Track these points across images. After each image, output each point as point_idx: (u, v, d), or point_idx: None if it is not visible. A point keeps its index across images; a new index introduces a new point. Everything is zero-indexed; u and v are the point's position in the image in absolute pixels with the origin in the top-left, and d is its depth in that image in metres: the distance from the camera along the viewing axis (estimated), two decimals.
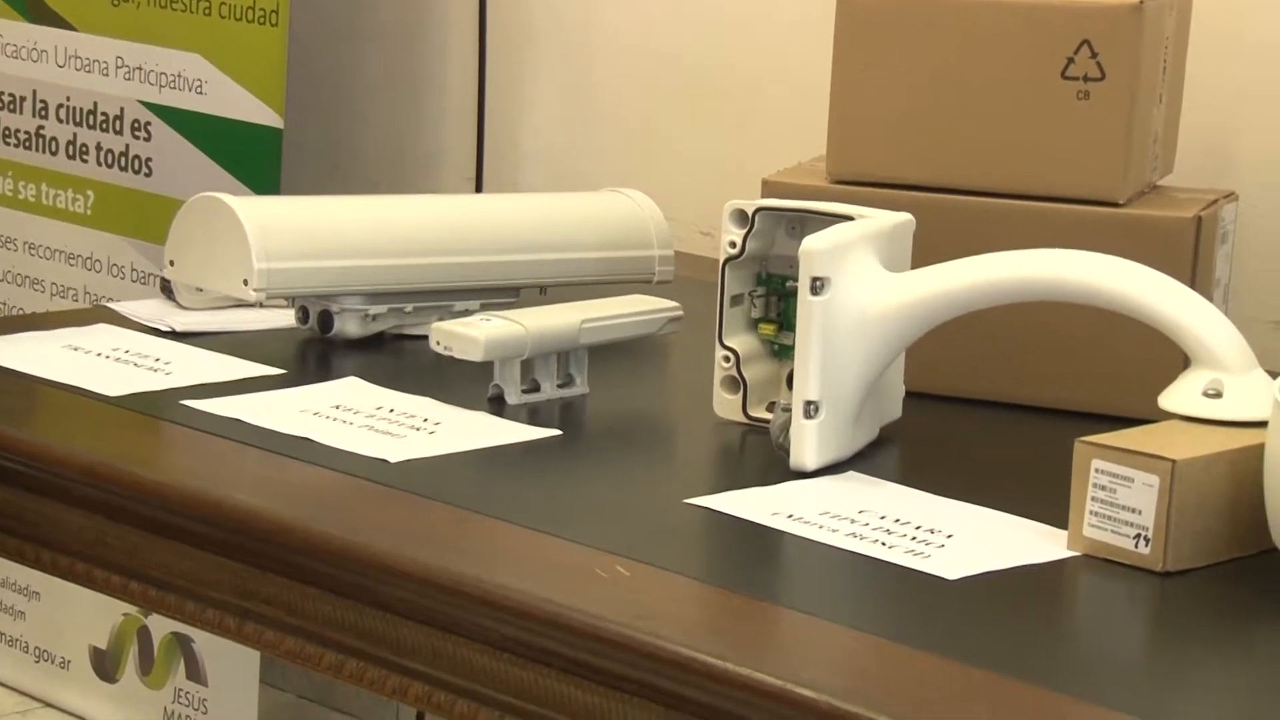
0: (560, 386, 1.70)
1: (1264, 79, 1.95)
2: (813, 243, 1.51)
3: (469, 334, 1.65)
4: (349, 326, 1.84)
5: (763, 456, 1.56)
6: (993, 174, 1.73)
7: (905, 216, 1.62)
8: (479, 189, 2.56)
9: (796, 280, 1.52)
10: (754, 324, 1.64)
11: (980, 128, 1.73)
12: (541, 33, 2.52)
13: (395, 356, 1.83)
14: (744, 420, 1.62)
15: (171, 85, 2.64)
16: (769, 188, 1.76)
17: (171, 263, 1.88)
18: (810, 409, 1.51)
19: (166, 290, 1.93)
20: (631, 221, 1.98)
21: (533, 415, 1.66)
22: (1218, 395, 1.45)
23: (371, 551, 1.37)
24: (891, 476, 1.54)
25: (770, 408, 1.59)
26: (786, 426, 1.53)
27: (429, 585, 1.34)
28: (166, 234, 1.88)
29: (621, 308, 1.76)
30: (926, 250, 1.60)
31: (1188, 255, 1.67)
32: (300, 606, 1.42)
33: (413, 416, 1.63)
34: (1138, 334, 1.53)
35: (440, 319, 1.74)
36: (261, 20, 2.51)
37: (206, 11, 2.58)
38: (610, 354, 1.75)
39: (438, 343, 1.67)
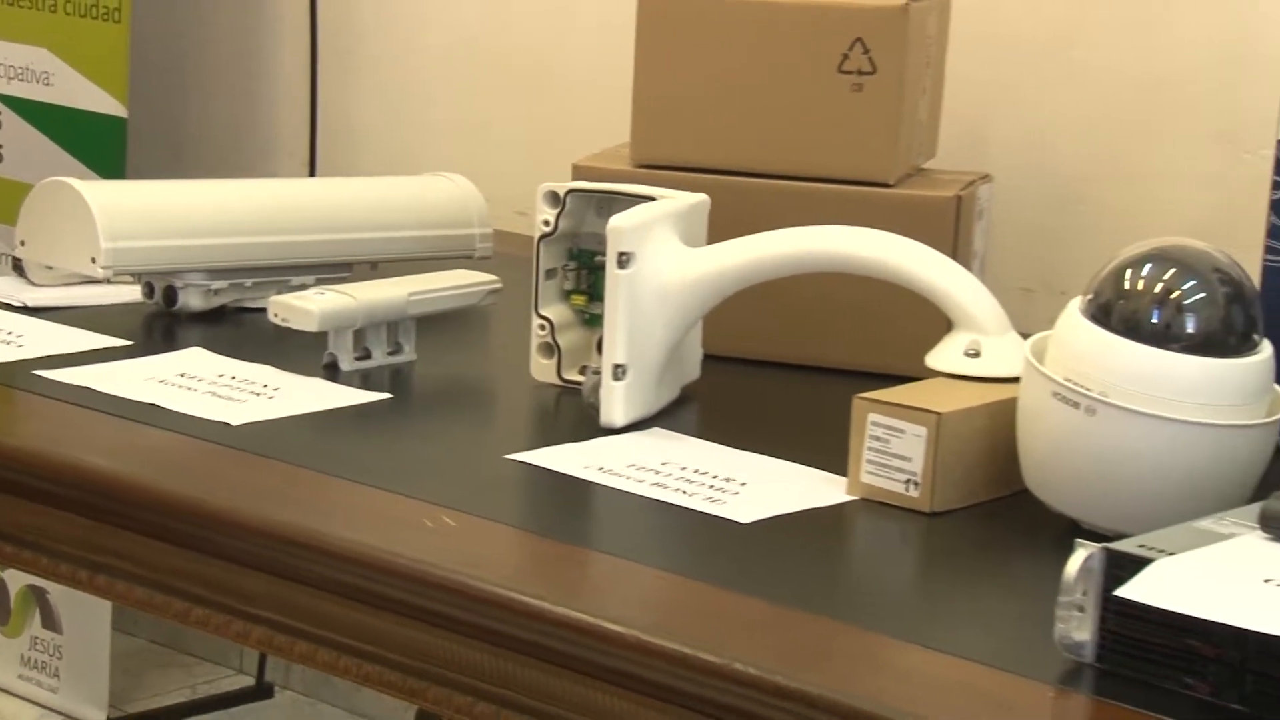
0: (390, 354, 1.70)
1: (1014, 73, 1.99)
2: (619, 221, 1.53)
3: (304, 306, 1.65)
4: (192, 300, 1.83)
5: (575, 415, 1.57)
6: (779, 158, 1.75)
7: (701, 197, 1.63)
8: (313, 173, 2.54)
9: (605, 255, 1.53)
10: (566, 295, 1.65)
11: (767, 117, 1.75)
12: (370, 28, 2.51)
13: (236, 328, 1.81)
14: (558, 382, 1.63)
15: (20, 78, 2.60)
16: (579, 171, 1.77)
17: (23, 243, 1.85)
18: (618, 371, 1.53)
19: (18, 269, 1.90)
20: (453, 202, 1.98)
21: (364, 380, 1.65)
22: (977, 355, 1.48)
23: (215, 507, 1.37)
24: (691, 431, 1.55)
25: (582, 371, 1.60)
26: (596, 388, 1.54)
27: (269, 537, 1.33)
28: (17, 216, 1.85)
29: (445, 281, 1.76)
30: (721, 227, 1.62)
31: (949, 230, 1.70)
32: (148, 559, 1.41)
33: (253, 383, 1.62)
34: (907, 301, 1.55)
35: (278, 293, 1.73)
36: (105, 17, 2.49)
37: (53, 9, 2.54)
38: (435, 324, 1.75)
39: (275, 315, 1.67)
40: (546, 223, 1.62)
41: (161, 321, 1.83)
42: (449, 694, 1.27)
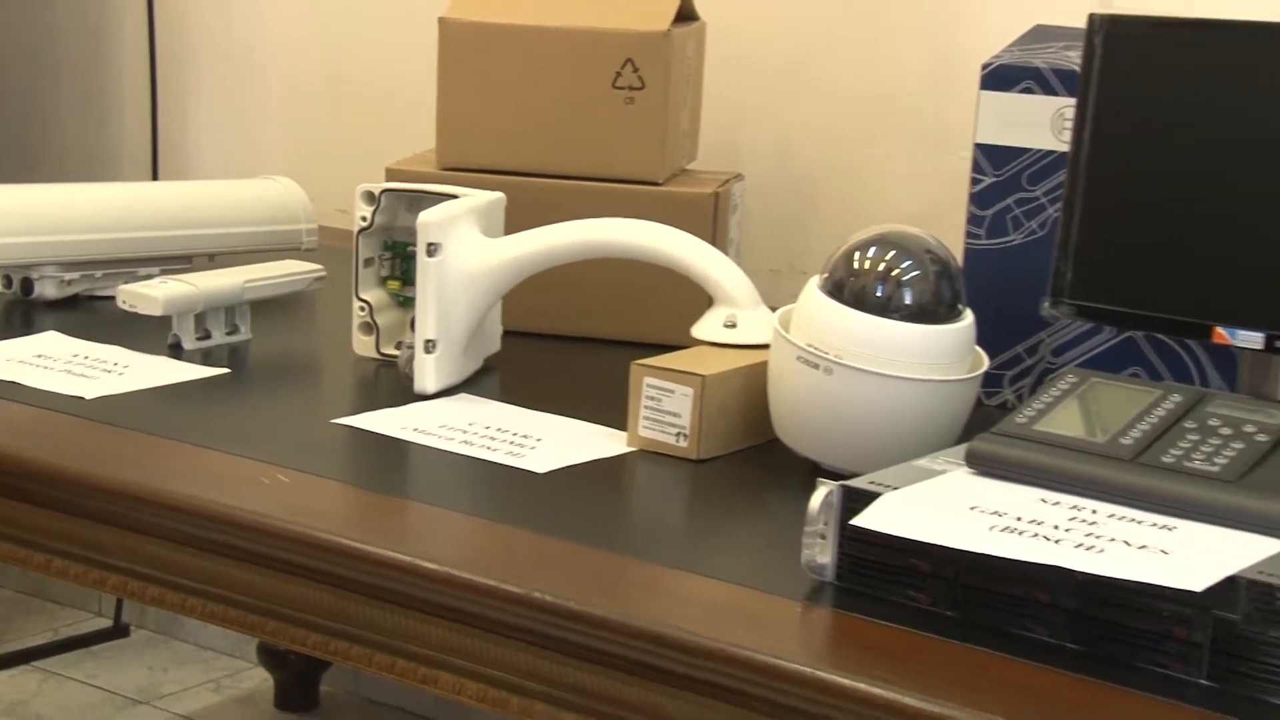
0: (228, 334, 1.68)
1: (761, 88, 2.01)
2: (427, 216, 1.53)
3: (150, 294, 1.63)
4: (48, 290, 1.80)
5: (393, 384, 1.56)
6: (564, 161, 1.76)
7: (499, 195, 1.63)
8: (155, 179, 2.49)
9: (416, 246, 1.53)
10: (383, 281, 1.65)
11: (553, 126, 1.76)
12: (203, 50, 2.46)
13: (88, 314, 1.78)
14: (377, 356, 1.63)
15: None
16: (392, 173, 1.76)
17: None
18: (429, 346, 1.53)
19: None
20: (281, 202, 1.96)
21: (205, 358, 1.63)
22: (734, 326, 1.50)
23: (74, 472, 1.35)
24: (494, 396, 1.56)
25: (398, 346, 1.60)
26: (410, 360, 1.54)
27: (123, 496, 1.32)
28: None
29: (276, 270, 1.75)
30: (515, 221, 1.62)
31: (709, 221, 1.72)
32: (13, 518, 1.38)
33: (104, 361, 1.59)
34: (674, 281, 1.57)
35: (126, 282, 1.70)
36: None
37: None
38: (268, 307, 1.74)
39: (124, 301, 1.65)
40: (364, 218, 1.61)
41: (19, 309, 1.80)
42: (285, 627, 1.27)
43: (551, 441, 1.42)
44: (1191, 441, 1.16)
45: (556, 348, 1.74)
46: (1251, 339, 1.34)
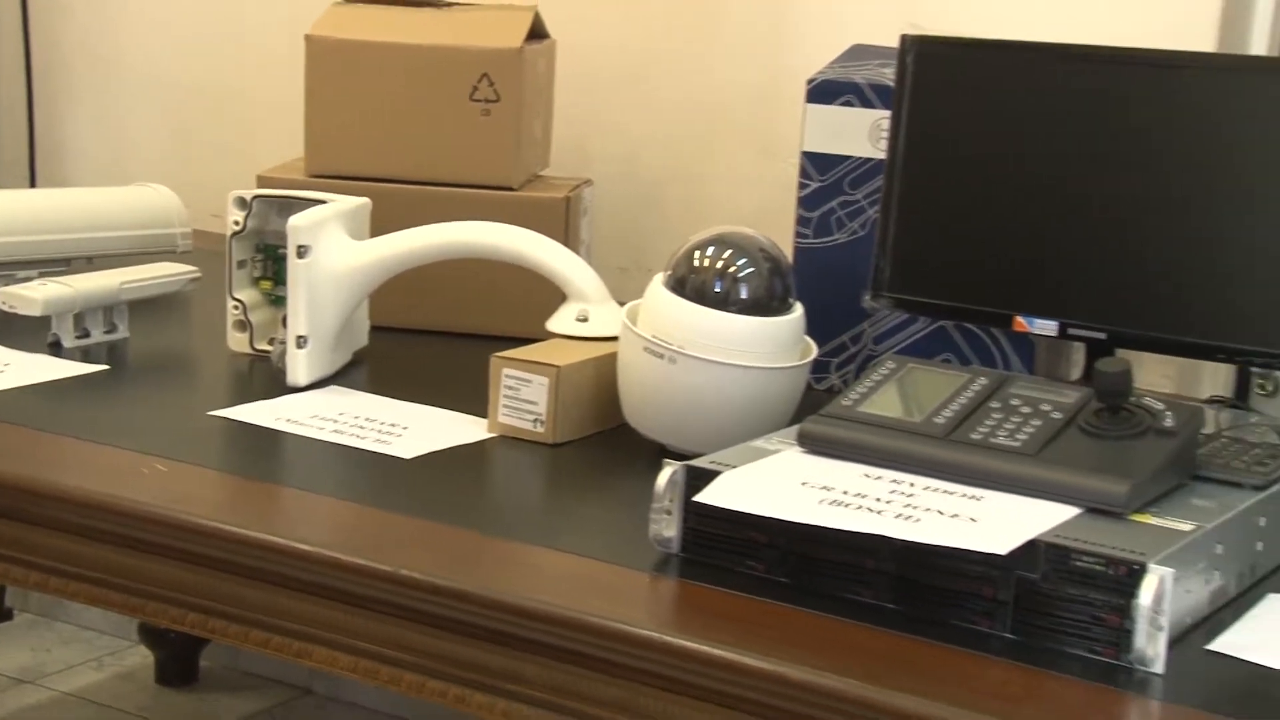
0: (106, 333, 1.65)
1: (607, 101, 2.02)
2: (297, 220, 1.51)
3: (29, 295, 1.60)
4: None
5: (266, 378, 1.55)
6: (425, 169, 1.75)
7: (364, 200, 1.62)
8: (33, 185, 2.43)
9: (286, 248, 1.52)
10: (255, 281, 1.63)
11: (415, 135, 1.75)
12: (80, 56, 2.40)
13: None
14: (251, 352, 1.61)
15: None
16: (263, 180, 1.74)
17: None
18: (300, 341, 1.51)
19: None
20: (157, 207, 1.92)
21: (85, 355, 1.60)
22: (585, 320, 1.51)
23: None
24: (362, 387, 1.55)
25: (270, 342, 1.58)
26: (283, 355, 1.53)
27: (7, 488, 1.29)
28: None
29: (152, 272, 1.72)
30: (381, 224, 1.61)
31: (561, 223, 1.73)
32: None
33: None
34: (530, 279, 1.57)
35: (5, 285, 1.66)
36: None
37: None
38: (145, 307, 1.71)
39: (4, 303, 1.61)
40: (236, 223, 1.59)
41: None
42: (165, 608, 1.25)
43: (417, 429, 1.42)
44: (996, 419, 1.19)
45: (421, 342, 1.73)
46: (1047, 327, 1.38)
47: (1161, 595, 1.00)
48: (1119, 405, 1.17)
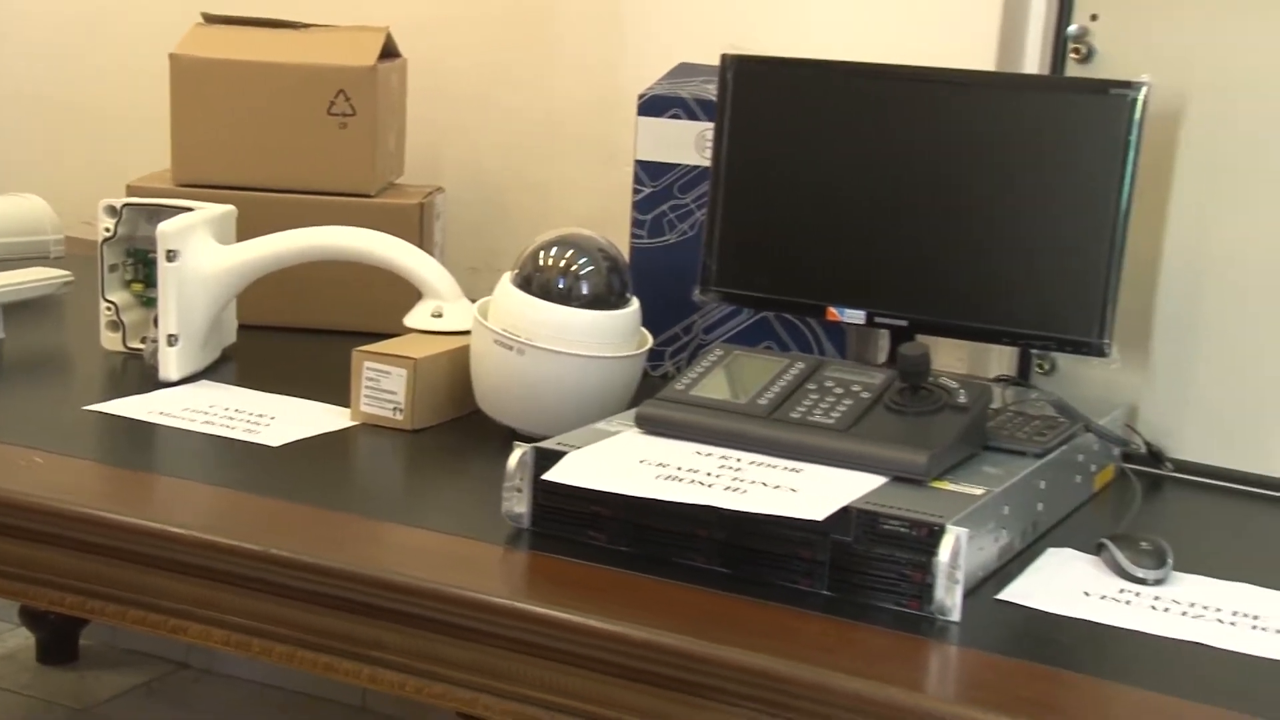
0: None
1: (456, 114, 2.01)
2: (166, 226, 1.48)
3: None
4: None
5: (139, 374, 1.51)
6: (287, 177, 1.73)
7: (230, 207, 1.60)
8: None
9: (156, 253, 1.49)
10: (127, 284, 1.59)
11: (277, 147, 1.73)
12: None
13: None
14: (125, 350, 1.57)
15: None
16: (132, 189, 1.70)
17: None
18: (171, 340, 1.48)
19: None
20: (30, 216, 1.86)
21: None
22: (440, 316, 1.51)
23: None
24: (232, 381, 1.52)
25: (143, 341, 1.55)
26: (155, 353, 1.49)
27: None
28: None
29: (26, 276, 1.68)
30: (246, 230, 1.59)
31: (416, 227, 1.72)
32: None
33: None
34: (388, 279, 1.56)
35: None
36: None
37: None
38: (21, 311, 1.66)
39: None
40: (108, 229, 1.56)
41: None
42: (45, 591, 1.22)
43: (283, 419, 1.40)
44: (813, 400, 1.21)
45: (287, 339, 1.70)
46: (856, 316, 1.41)
47: (957, 552, 1.03)
48: (919, 385, 1.20)
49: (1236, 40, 1.36)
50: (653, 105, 1.59)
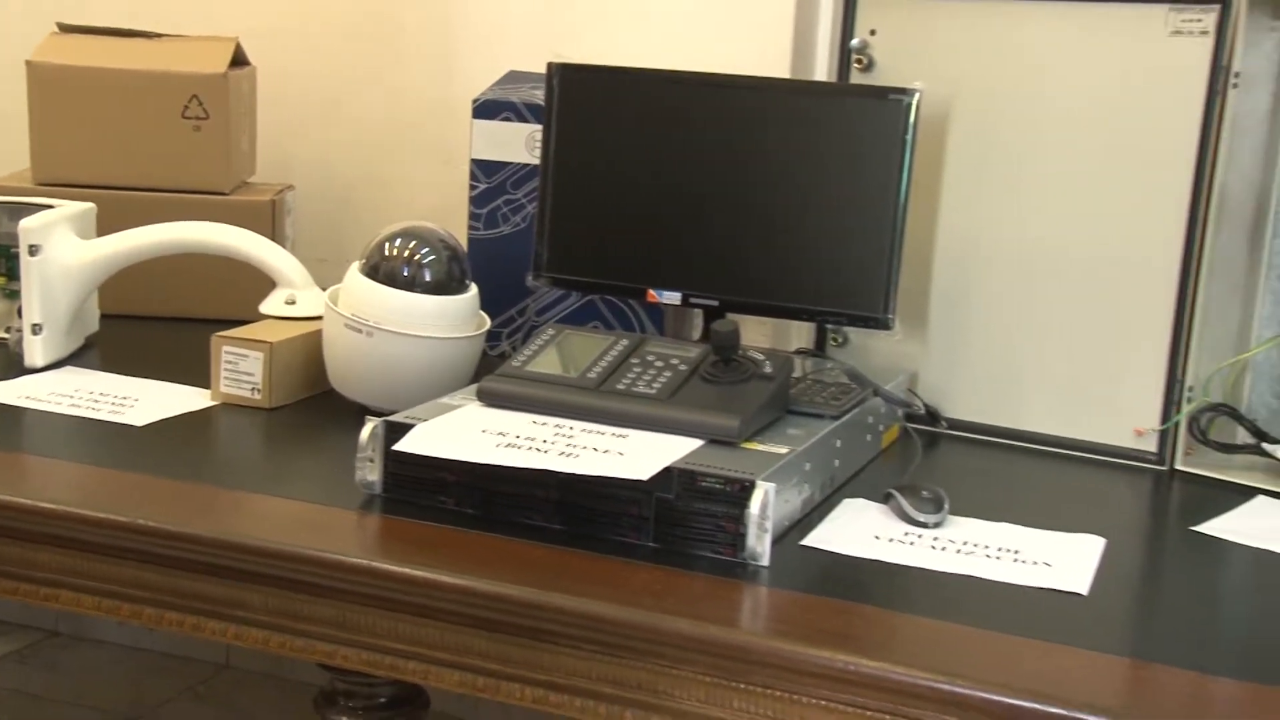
0: None
1: (306, 118, 1.97)
2: (28, 222, 1.42)
3: None
4: None
5: (5, 363, 1.45)
6: (146, 177, 1.68)
7: (89, 205, 1.54)
8: None
9: (19, 248, 1.42)
10: None
11: (134, 149, 1.68)
12: None
13: None
14: None
15: None
16: None
17: None
18: (35, 329, 1.42)
19: None
20: None
21: None
22: (293, 303, 1.48)
23: None
24: (95, 367, 1.47)
25: (8, 330, 1.48)
26: (20, 341, 1.43)
27: None
28: None
29: None
30: (109, 226, 1.53)
31: (269, 222, 1.68)
32: None
33: None
34: (244, 269, 1.52)
35: None
36: None
37: None
38: None
39: None
40: None
41: None
42: None
43: (147, 400, 1.36)
44: (636, 372, 1.22)
45: (148, 327, 1.66)
46: (673, 297, 1.42)
47: (766, 505, 1.05)
48: (730, 358, 1.21)
49: (994, 52, 1.41)
50: (486, 109, 1.58)
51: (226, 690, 2.16)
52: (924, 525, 1.14)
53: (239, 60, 1.75)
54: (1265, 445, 1.32)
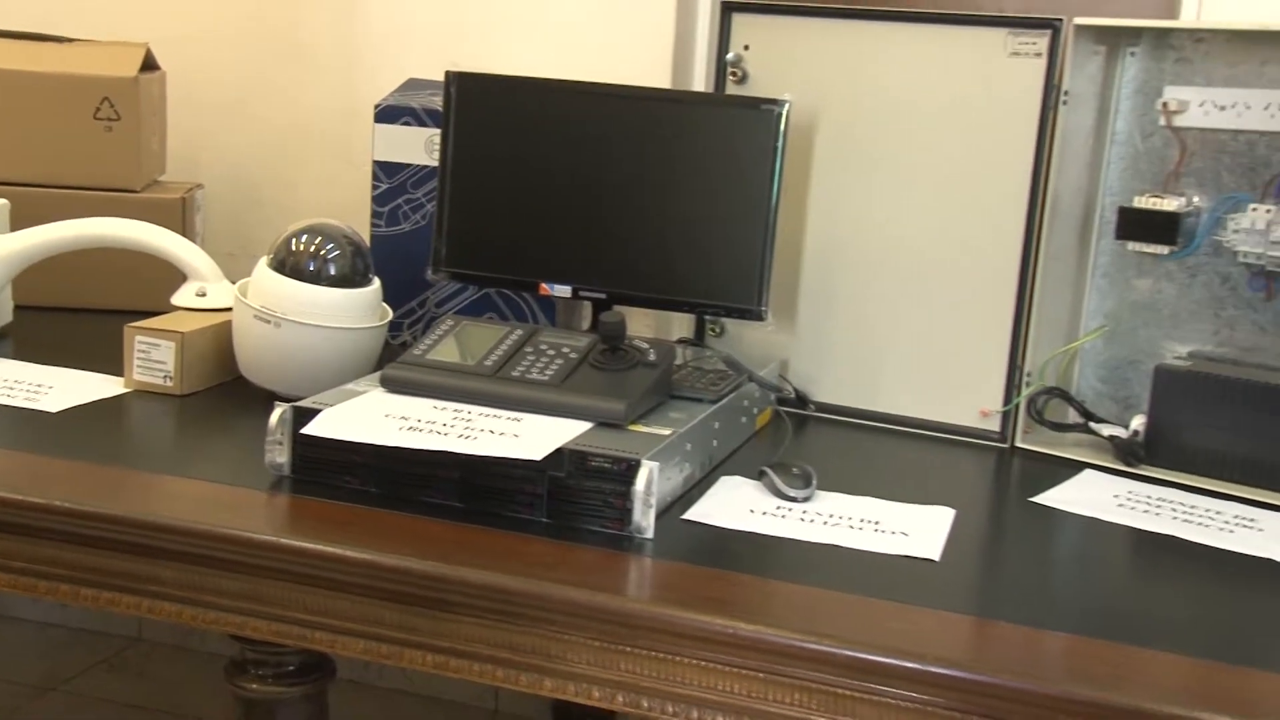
0: None
1: (215, 120, 1.93)
2: None
3: None
4: None
5: None
6: (60, 176, 1.63)
7: (3, 201, 1.49)
8: None
9: None
10: None
11: (49, 148, 1.63)
12: None
13: None
14: None
15: None
16: None
17: None
18: None
19: None
20: None
21: None
22: (204, 295, 1.44)
23: None
24: (10, 357, 1.42)
25: None
26: None
27: None
28: None
29: None
30: (20, 222, 1.49)
31: (179, 218, 1.64)
32: None
33: None
34: (156, 263, 1.48)
35: None
36: None
37: None
38: None
39: None
40: None
41: None
42: None
43: (61, 388, 1.31)
44: (530, 360, 1.21)
45: (62, 318, 1.60)
46: (563, 290, 1.42)
47: (651, 482, 1.05)
48: (617, 346, 1.22)
49: (856, 68, 1.43)
50: (387, 114, 1.56)
51: (139, 662, 2.11)
52: (794, 500, 1.15)
53: (149, 65, 1.71)
54: (1092, 424, 1.36)
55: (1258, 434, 1.23)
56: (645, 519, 1.05)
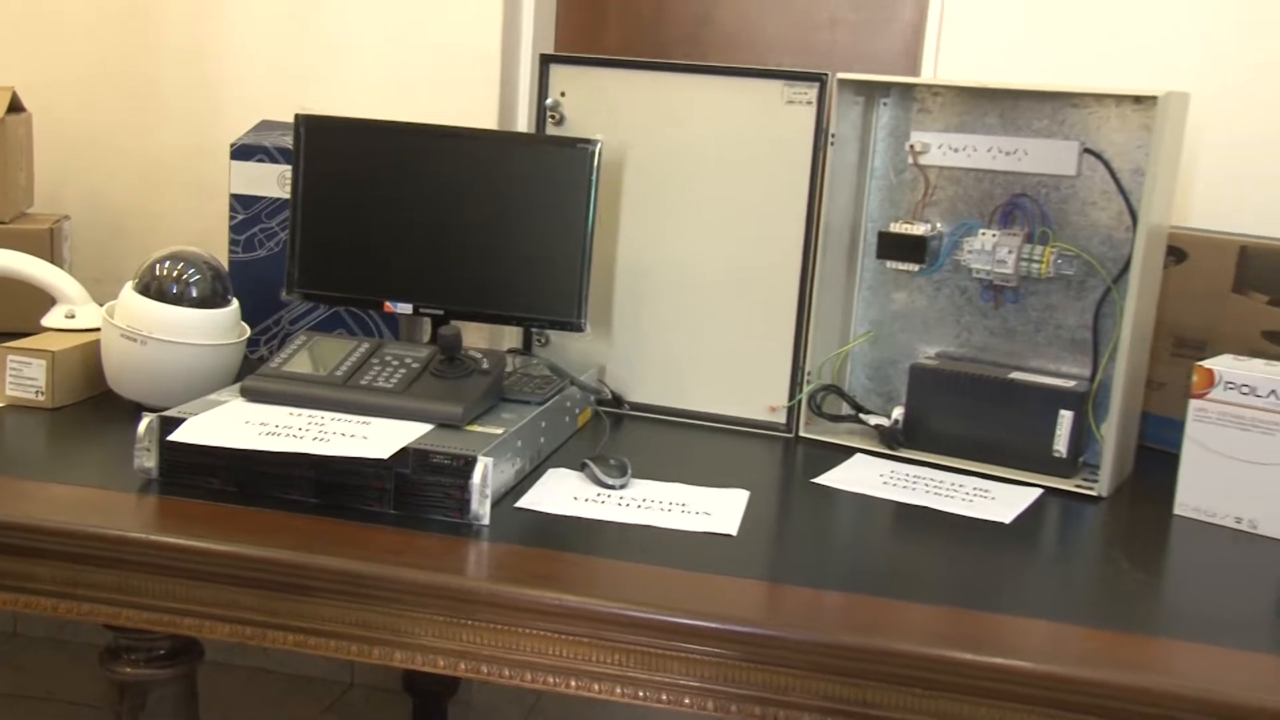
0: None
1: (81, 156, 1.84)
2: None
3: None
4: None
5: None
6: None
7: None
8: None
9: None
10: None
11: None
12: None
13: None
14: None
15: None
16: None
17: None
18: None
19: None
20: None
21: None
22: (73, 317, 1.38)
23: None
24: None
25: None
26: None
27: None
28: None
29: None
30: None
31: (48, 247, 1.57)
32: None
33: None
34: (28, 289, 1.41)
35: None
36: None
37: None
38: None
39: None
40: None
41: None
42: None
43: None
44: (377, 370, 1.21)
45: None
46: (405, 308, 1.41)
47: (486, 475, 1.06)
48: (454, 356, 1.22)
49: (657, 112, 1.46)
50: (243, 152, 1.53)
51: (14, 654, 2.00)
52: (612, 487, 1.16)
53: (15, 107, 1.63)
54: (861, 415, 1.42)
55: (991, 420, 1.32)
56: (482, 508, 1.06)
